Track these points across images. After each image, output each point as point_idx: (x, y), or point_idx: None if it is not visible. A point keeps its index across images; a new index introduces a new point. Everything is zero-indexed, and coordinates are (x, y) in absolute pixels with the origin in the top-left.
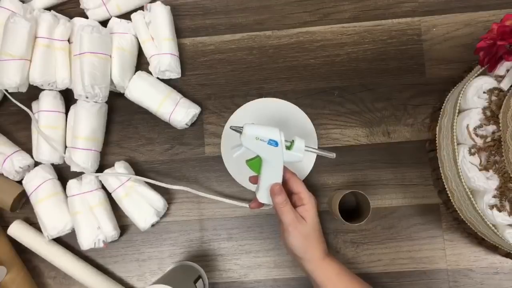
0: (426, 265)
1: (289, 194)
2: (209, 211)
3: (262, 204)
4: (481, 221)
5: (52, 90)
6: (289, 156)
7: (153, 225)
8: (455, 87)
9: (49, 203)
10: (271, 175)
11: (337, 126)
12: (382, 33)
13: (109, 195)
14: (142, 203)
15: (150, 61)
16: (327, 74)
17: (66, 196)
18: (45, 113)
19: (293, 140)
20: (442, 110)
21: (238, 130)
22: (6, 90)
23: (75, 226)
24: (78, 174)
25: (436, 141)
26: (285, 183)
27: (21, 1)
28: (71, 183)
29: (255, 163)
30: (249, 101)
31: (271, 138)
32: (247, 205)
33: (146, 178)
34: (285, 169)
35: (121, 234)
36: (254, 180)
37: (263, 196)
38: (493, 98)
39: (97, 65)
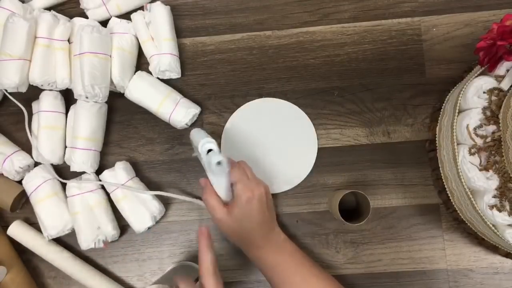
0: (426, 265)
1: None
2: None
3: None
4: (481, 221)
5: (52, 90)
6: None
7: (149, 228)
8: (455, 87)
9: (49, 203)
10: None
11: (337, 126)
12: (382, 33)
13: (108, 196)
14: (138, 207)
15: (150, 61)
16: (327, 74)
17: (66, 196)
18: (46, 113)
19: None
20: (442, 110)
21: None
22: (6, 90)
23: (75, 226)
24: (78, 174)
25: (436, 141)
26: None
27: (21, 1)
28: (71, 183)
29: None
30: (249, 101)
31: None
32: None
33: (134, 188)
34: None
35: (121, 234)
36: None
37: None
38: (493, 98)
39: (97, 65)
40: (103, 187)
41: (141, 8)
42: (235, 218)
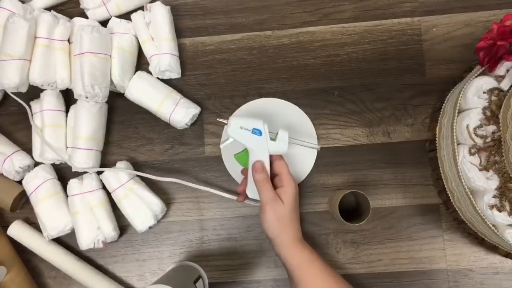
0: (426, 265)
1: (273, 176)
2: (209, 211)
3: (246, 197)
4: (481, 221)
5: (53, 90)
6: (274, 147)
7: (150, 227)
8: (455, 87)
9: (49, 203)
10: None
11: (337, 126)
12: (382, 33)
13: (109, 195)
14: (140, 206)
15: (150, 61)
16: (327, 74)
17: (66, 196)
18: (49, 112)
19: (277, 132)
20: (442, 110)
21: (224, 122)
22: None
23: (75, 226)
24: (78, 174)
25: (436, 141)
26: (272, 169)
27: (21, 1)
28: (72, 183)
29: (242, 156)
30: (249, 101)
31: (254, 127)
32: (235, 198)
33: (140, 173)
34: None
35: (121, 234)
36: (246, 173)
37: (251, 190)
38: (493, 98)
39: (97, 65)
40: (104, 187)
41: (141, 8)
42: (287, 201)
